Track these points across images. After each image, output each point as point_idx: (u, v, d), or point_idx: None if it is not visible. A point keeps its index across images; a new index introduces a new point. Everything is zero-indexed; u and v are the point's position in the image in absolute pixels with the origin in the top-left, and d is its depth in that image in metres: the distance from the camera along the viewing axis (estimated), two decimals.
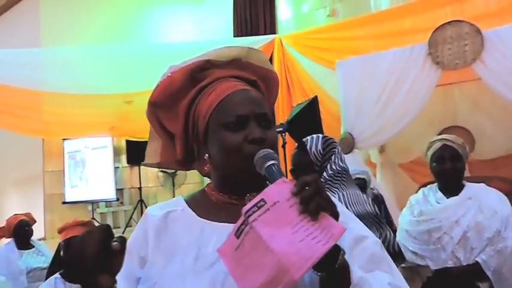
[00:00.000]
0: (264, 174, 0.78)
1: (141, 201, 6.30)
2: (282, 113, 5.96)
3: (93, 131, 6.12)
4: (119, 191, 6.46)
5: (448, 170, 2.21)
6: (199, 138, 0.89)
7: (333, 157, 1.81)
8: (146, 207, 6.32)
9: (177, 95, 0.90)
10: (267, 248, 0.66)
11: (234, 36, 6.52)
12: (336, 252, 0.69)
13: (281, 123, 4.29)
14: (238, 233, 0.72)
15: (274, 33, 6.32)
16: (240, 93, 0.87)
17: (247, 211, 0.70)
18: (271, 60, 6.10)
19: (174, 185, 6.27)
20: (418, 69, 4.02)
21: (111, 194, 6.23)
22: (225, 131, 0.84)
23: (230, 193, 0.89)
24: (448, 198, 2.22)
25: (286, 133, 4.18)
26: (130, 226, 6.22)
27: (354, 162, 3.78)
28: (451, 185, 2.25)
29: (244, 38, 6.29)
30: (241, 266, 0.70)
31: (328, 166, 1.80)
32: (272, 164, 0.78)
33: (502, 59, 3.75)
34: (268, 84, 0.95)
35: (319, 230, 0.65)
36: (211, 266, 0.79)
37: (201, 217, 0.87)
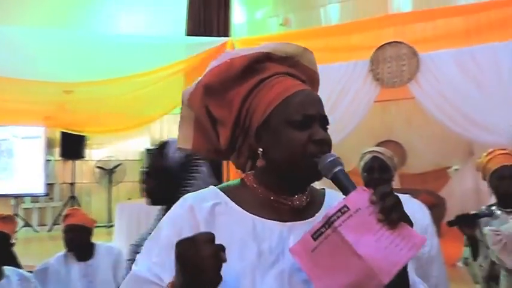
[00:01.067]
0: (331, 178, 0.79)
1: (72, 197, 6.03)
2: None
3: (25, 120, 5.73)
4: (49, 185, 6.14)
5: (376, 180, 2.34)
6: (250, 130, 0.85)
7: (196, 179, 1.59)
8: (78, 205, 6.09)
9: (234, 82, 0.85)
10: (354, 253, 0.69)
11: (187, 35, 6.47)
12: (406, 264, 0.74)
13: None
14: (316, 235, 0.73)
15: (227, 35, 6.35)
16: (306, 93, 0.86)
17: (332, 216, 0.72)
18: None
19: (110, 183, 6.07)
20: (360, 84, 4.25)
21: (40, 189, 5.88)
22: (290, 128, 0.82)
23: (280, 191, 0.86)
24: None
25: None
26: (58, 224, 5.94)
27: None
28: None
29: (197, 37, 6.26)
30: (319, 267, 0.72)
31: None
32: (340, 169, 0.79)
33: (434, 81, 4.07)
34: (313, 86, 0.94)
35: (399, 238, 0.70)
36: (274, 263, 0.79)
37: (247, 211, 0.85)
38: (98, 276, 2.85)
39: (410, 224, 0.73)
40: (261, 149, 0.84)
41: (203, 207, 0.83)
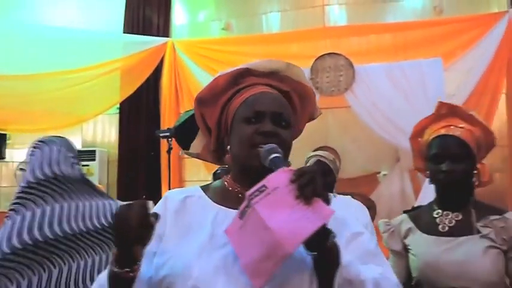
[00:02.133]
0: (268, 165, 0.86)
1: None
2: (168, 118, 5.89)
3: None
4: None
5: None
6: (228, 132, 1.00)
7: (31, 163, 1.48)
8: None
9: (219, 94, 1.01)
10: (266, 227, 0.75)
11: (124, 32, 6.24)
12: (326, 234, 0.80)
13: (168, 129, 4.25)
14: (241, 215, 0.82)
15: (167, 36, 6.24)
16: (263, 94, 0.98)
17: (251, 194, 0.80)
18: (161, 63, 6.01)
19: None
20: None
21: None
22: (243, 124, 0.95)
23: (243, 183, 0.96)
24: None
25: (173, 139, 4.15)
26: None
27: None
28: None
29: (135, 35, 6.06)
30: (243, 243, 0.79)
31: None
32: (276, 156, 0.86)
33: (368, 92, 4.36)
34: (303, 98, 1.05)
35: (311, 212, 0.75)
36: (224, 245, 0.87)
37: (216, 203, 0.98)
38: None
39: (327, 199, 0.79)
40: (229, 146, 0.98)
41: (175, 198, 1.00)
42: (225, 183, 1.02)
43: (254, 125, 0.93)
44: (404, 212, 2.67)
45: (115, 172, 6.09)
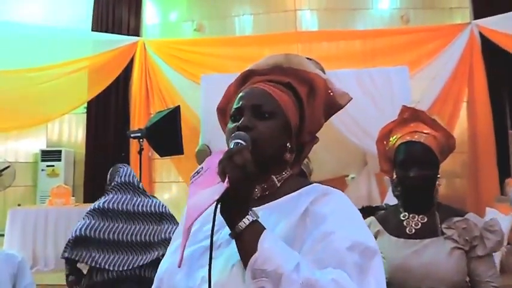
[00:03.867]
0: None
1: None
2: (138, 119, 5.79)
3: None
4: None
5: None
6: None
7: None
8: None
9: (231, 99, 1.01)
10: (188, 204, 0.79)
11: (93, 30, 6.09)
12: (242, 215, 0.77)
13: (139, 129, 4.18)
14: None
15: (138, 35, 6.14)
16: (247, 90, 0.96)
17: (191, 177, 0.83)
18: (131, 63, 5.91)
19: None
20: None
21: None
22: (230, 122, 0.94)
23: None
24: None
25: (144, 139, 4.09)
26: None
27: None
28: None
29: (104, 34, 5.93)
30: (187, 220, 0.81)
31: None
32: (236, 142, 0.84)
33: None
34: (311, 85, 0.98)
35: (216, 188, 0.76)
36: (200, 241, 0.89)
37: None
38: None
39: (241, 174, 0.76)
40: None
41: None
42: None
43: (236, 122, 0.91)
44: (368, 208, 2.76)
45: (82, 173, 5.92)
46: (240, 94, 0.95)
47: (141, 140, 4.08)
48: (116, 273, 2.31)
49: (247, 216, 0.76)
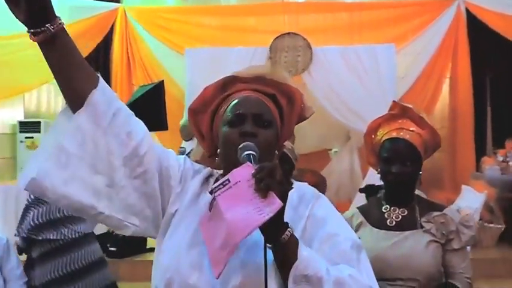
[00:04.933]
0: (241, 162, 0.87)
1: None
2: (120, 90, 5.65)
3: None
4: None
5: None
6: (219, 137, 1.01)
7: None
8: None
9: (209, 102, 1.04)
10: (223, 218, 0.79)
11: None
12: (282, 227, 0.82)
13: None
14: (210, 207, 0.86)
15: (118, 1, 5.87)
16: (245, 98, 1.00)
17: (214, 188, 0.83)
18: (112, 30, 5.69)
19: None
20: None
21: None
22: (226, 127, 0.97)
23: None
24: None
25: None
26: None
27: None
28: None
29: (82, 0, 5.65)
30: (211, 234, 0.83)
31: None
32: (249, 153, 0.88)
33: (324, 74, 4.45)
34: (290, 99, 1.05)
35: (265, 205, 0.78)
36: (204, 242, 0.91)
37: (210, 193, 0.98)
38: None
39: (282, 193, 0.81)
40: (219, 150, 1.01)
41: (203, 172, 1.06)
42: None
43: (236, 128, 0.95)
44: (370, 186, 2.81)
45: None
46: (236, 101, 0.99)
47: None
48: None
49: (288, 229, 0.82)
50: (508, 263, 3.80)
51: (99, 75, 0.92)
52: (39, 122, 5.73)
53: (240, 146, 0.90)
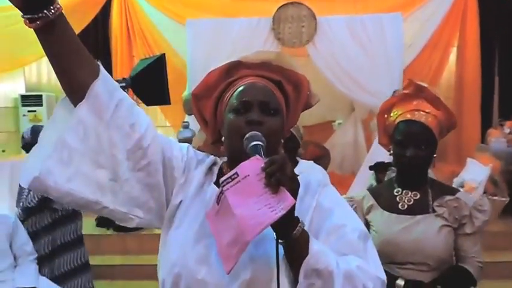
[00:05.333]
0: (248, 152, 0.86)
1: None
2: (121, 63, 5.57)
3: None
4: None
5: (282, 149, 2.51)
6: (223, 123, 0.99)
7: None
8: None
9: (213, 88, 1.02)
10: (233, 213, 0.77)
11: None
12: (293, 223, 0.81)
13: (124, 78, 4.02)
14: (217, 200, 0.83)
15: None
16: (251, 85, 0.98)
17: (223, 181, 0.81)
18: (109, 1, 5.53)
19: None
20: (262, 42, 4.31)
21: None
22: (231, 114, 0.95)
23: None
24: None
25: (129, 89, 3.97)
26: None
27: None
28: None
29: None
30: (219, 228, 0.82)
31: None
32: (256, 144, 0.86)
33: (329, 45, 4.34)
34: (296, 86, 1.04)
35: (276, 201, 0.76)
36: (211, 235, 0.90)
37: (214, 184, 0.99)
38: None
39: (293, 188, 0.80)
40: (223, 137, 0.99)
41: (207, 161, 1.04)
42: (223, 169, 1.02)
43: (242, 115, 0.93)
44: (380, 164, 2.78)
45: None
46: (241, 88, 0.97)
47: (126, 89, 3.95)
48: None
49: (299, 225, 0.82)
50: (511, 236, 3.84)
51: (99, 63, 0.88)
52: (40, 96, 5.70)
53: (247, 135, 0.88)
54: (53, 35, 0.79)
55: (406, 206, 1.59)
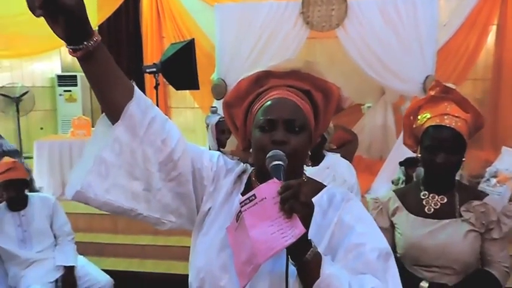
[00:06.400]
0: (269, 171, 0.89)
1: None
2: (151, 45, 5.65)
3: None
4: None
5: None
6: (251, 134, 1.03)
7: None
8: None
9: (243, 97, 1.06)
10: (248, 235, 0.81)
11: None
12: (305, 247, 0.83)
13: (154, 64, 4.11)
14: (237, 218, 0.88)
15: None
16: (276, 100, 0.99)
17: (242, 202, 0.84)
18: None
19: (18, 112, 5.47)
20: (290, 26, 4.24)
21: None
22: (257, 131, 0.98)
23: (262, 182, 0.94)
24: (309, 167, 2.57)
25: (159, 74, 4.05)
26: None
27: None
28: (313, 155, 2.59)
29: None
30: (237, 243, 0.87)
31: None
32: (276, 164, 0.89)
33: (359, 28, 4.22)
34: (326, 95, 1.05)
35: (289, 226, 0.79)
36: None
37: (241, 195, 1.02)
38: (32, 226, 2.86)
39: (309, 212, 0.83)
40: (251, 149, 1.02)
41: (236, 170, 1.08)
42: (252, 178, 1.06)
43: (268, 133, 0.95)
44: (409, 159, 2.77)
45: None
46: (268, 103, 0.99)
47: (156, 74, 4.04)
48: None
49: (311, 248, 0.84)
50: None
51: (134, 84, 0.94)
52: (75, 76, 5.89)
53: (269, 154, 0.91)
54: (93, 63, 0.86)
55: (432, 210, 1.58)
